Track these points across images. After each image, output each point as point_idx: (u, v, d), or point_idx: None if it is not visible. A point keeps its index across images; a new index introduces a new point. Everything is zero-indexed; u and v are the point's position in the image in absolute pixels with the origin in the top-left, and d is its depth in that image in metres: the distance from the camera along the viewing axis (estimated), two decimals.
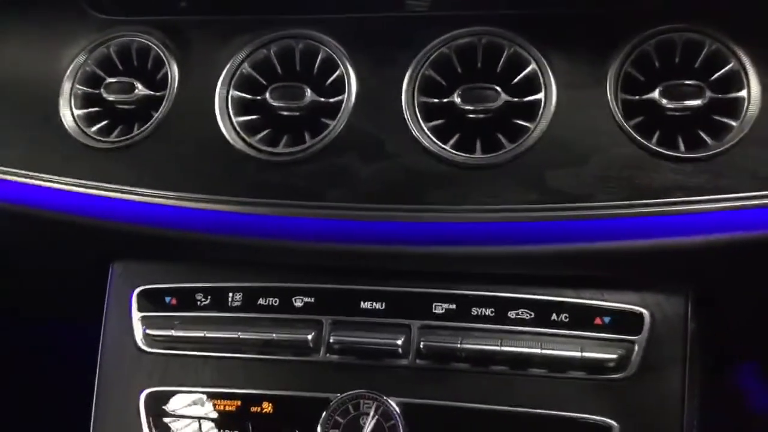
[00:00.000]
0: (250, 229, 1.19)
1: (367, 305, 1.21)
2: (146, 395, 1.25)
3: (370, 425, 1.16)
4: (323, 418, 1.17)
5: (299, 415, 1.19)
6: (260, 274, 1.25)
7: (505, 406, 1.15)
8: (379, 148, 1.19)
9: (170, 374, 1.25)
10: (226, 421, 1.21)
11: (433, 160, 1.17)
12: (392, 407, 1.16)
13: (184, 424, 1.23)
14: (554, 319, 1.16)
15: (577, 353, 1.13)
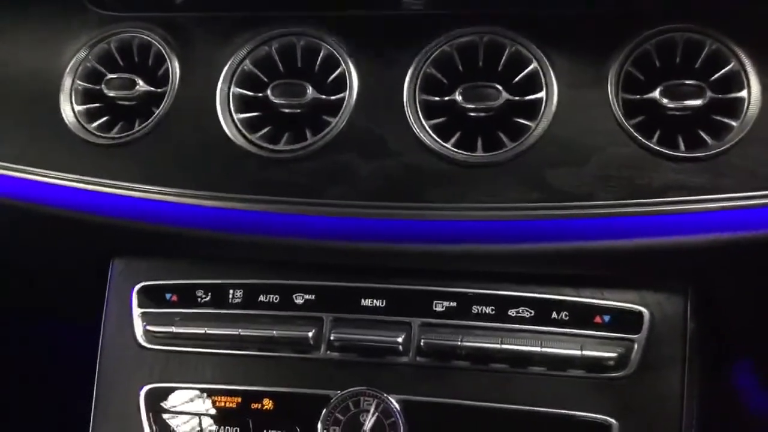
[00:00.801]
0: (250, 226, 1.19)
1: (367, 302, 1.21)
2: (146, 391, 1.24)
3: (370, 422, 1.16)
4: (323, 415, 1.17)
5: (299, 411, 1.19)
6: (261, 270, 1.25)
7: (504, 404, 1.15)
8: (380, 145, 1.19)
9: (170, 371, 1.25)
10: (226, 417, 1.21)
11: (434, 158, 1.17)
12: (392, 404, 1.16)
13: (184, 420, 1.23)
14: (554, 317, 1.16)
15: (576, 351, 1.13)
